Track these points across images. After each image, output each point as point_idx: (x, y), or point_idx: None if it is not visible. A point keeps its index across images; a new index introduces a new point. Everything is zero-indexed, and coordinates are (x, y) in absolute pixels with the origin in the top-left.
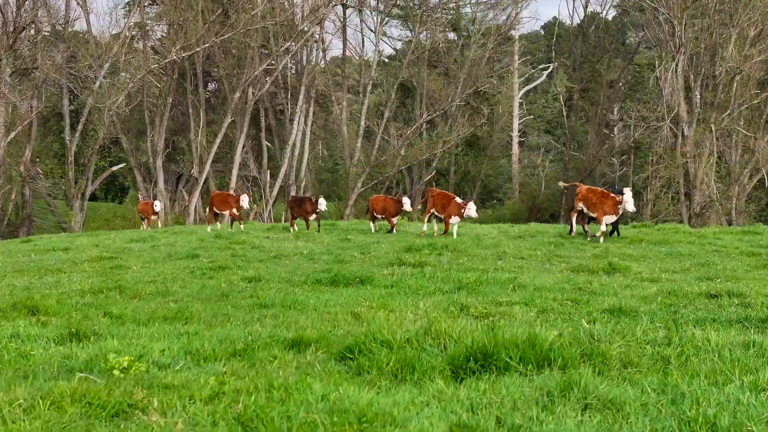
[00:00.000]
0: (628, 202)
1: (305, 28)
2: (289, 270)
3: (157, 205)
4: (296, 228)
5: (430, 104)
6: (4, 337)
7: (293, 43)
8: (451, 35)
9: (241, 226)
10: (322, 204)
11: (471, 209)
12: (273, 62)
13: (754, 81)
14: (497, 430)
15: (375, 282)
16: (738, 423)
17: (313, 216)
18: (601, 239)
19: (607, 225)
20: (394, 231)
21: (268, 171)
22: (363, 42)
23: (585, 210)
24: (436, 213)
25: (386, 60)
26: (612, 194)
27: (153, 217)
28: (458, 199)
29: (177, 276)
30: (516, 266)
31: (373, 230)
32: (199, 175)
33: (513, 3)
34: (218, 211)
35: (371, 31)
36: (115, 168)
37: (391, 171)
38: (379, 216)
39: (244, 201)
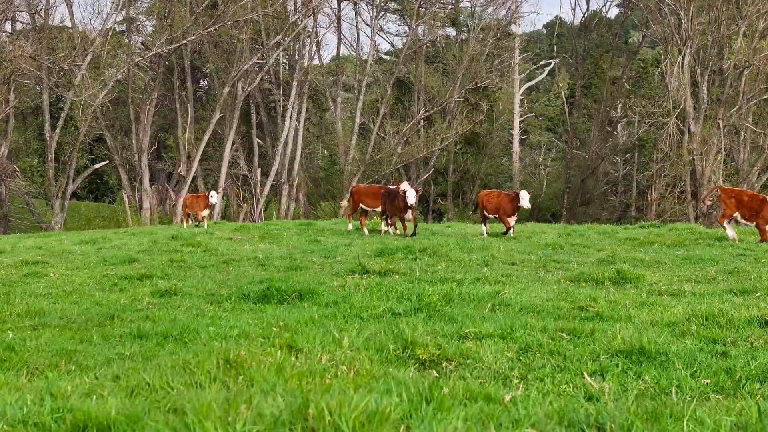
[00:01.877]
0: None
1: (298, 21)
2: (221, 280)
3: (214, 197)
4: (397, 229)
5: (428, 100)
6: None
7: (285, 37)
8: (450, 30)
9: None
10: (411, 197)
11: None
12: (264, 56)
13: (764, 75)
14: None
15: (317, 297)
16: None
17: (408, 214)
18: None
19: None
20: (512, 233)
21: (260, 169)
22: (358, 36)
23: None
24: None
25: (383, 56)
26: None
27: (204, 212)
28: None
29: (81, 288)
30: (503, 274)
31: (486, 234)
32: (187, 173)
33: None
34: (367, 209)
35: (367, 25)
36: (97, 166)
37: (387, 169)
38: (491, 215)
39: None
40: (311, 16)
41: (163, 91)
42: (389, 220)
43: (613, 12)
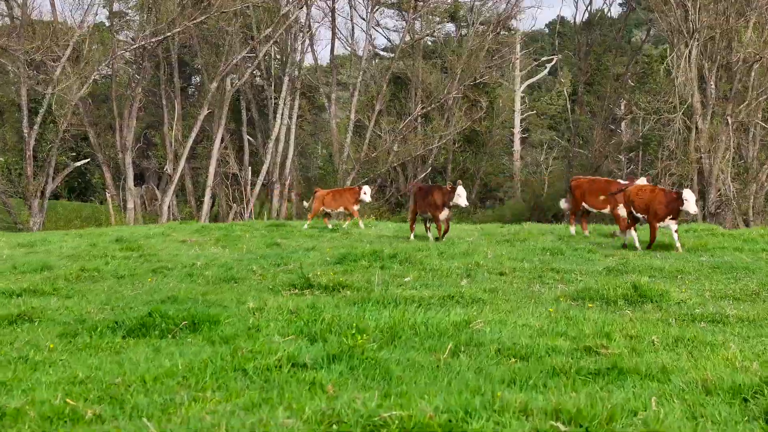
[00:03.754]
0: None
1: (290, 13)
2: (117, 298)
3: (367, 193)
4: (430, 234)
5: (425, 97)
6: None
7: (276, 29)
8: (450, 26)
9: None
10: (462, 196)
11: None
12: (254, 51)
13: None
14: None
15: (215, 328)
16: None
17: (445, 213)
18: None
19: None
20: (678, 247)
21: (250, 168)
22: (353, 31)
23: None
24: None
25: (380, 52)
26: None
27: (354, 207)
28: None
29: None
30: (486, 289)
31: (637, 243)
32: (174, 172)
33: None
34: (590, 209)
35: (363, 19)
36: (78, 164)
37: (383, 168)
38: (641, 215)
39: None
40: (303, 7)
41: (150, 87)
42: (427, 224)
43: (615, 11)
